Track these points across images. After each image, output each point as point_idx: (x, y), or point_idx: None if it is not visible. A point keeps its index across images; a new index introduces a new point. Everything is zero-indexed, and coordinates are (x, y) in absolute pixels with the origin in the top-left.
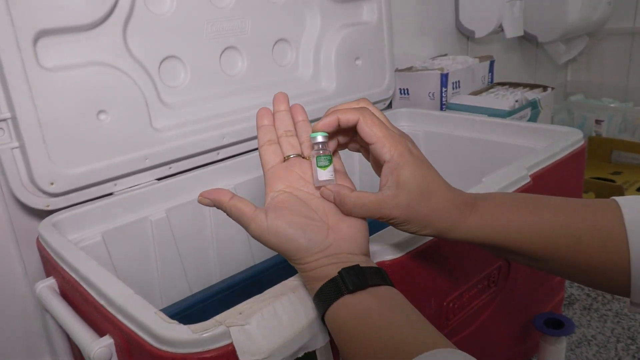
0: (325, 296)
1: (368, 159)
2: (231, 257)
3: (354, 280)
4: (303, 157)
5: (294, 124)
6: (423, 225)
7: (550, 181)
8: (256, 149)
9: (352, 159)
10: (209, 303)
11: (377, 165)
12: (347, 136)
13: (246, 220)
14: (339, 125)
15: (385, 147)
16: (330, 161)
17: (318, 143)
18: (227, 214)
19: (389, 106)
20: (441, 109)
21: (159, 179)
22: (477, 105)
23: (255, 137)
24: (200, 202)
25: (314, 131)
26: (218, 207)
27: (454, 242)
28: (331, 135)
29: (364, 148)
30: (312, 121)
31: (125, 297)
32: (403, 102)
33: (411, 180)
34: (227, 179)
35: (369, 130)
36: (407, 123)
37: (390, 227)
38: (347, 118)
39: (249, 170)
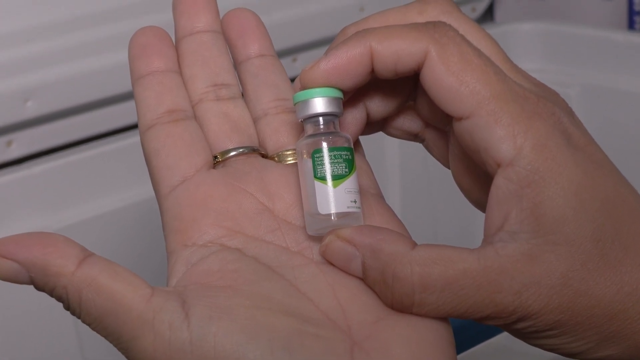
0: None
1: (443, 160)
2: None
3: None
4: (264, 156)
5: (237, 65)
6: (605, 335)
7: None
8: (133, 128)
9: (383, 158)
10: None
11: (475, 174)
12: (392, 99)
13: (128, 323)
14: (372, 70)
15: (499, 127)
16: (352, 165)
17: (316, 116)
18: (69, 307)
19: (487, 15)
20: (631, 25)
21: None
22: None
23: (123, 98)
24: None
25: (304, 86)
26: (39, 287)
27: None
28: (352, 98)
29: (436, 129)
30: (287, 57)
31: None
32: (527, 4)
33: (574, 213)
34: (39, 213)
35: (456, 84)
36: (537, 64)
37: (512, 338)
38: (396, 51)
39: (115, 184)
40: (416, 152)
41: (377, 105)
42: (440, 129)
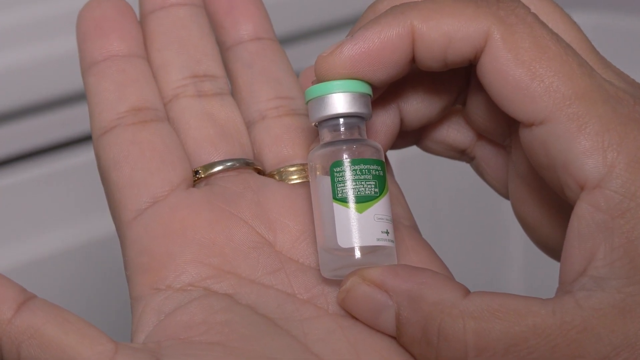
0: None
1: (499, 185)
2: None
3: None
4: (260, 172)
5: (224, 51)
6: None
7: None
8: (85, 139)
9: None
10: None
11: (545, 202)
12: (435, 100)
13: None
14: (412, 58)
15: (584, 136)
16: (384, 183)
17: (336, 118)
18: None
19: None
20: None
21: None
22: None
23: (69, 100)
24: None
25: (321, 78)
26: None
27: None
28: (382, 97)
29: (491, 143)
30: (295, 41)
31: None
32: None
33: None
34: None
35: (527, 77)
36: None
37: None
38: (447, 32)
39: (60, 216)
40: (419, 169)
41: (415, 108)
42: (498, 142)
